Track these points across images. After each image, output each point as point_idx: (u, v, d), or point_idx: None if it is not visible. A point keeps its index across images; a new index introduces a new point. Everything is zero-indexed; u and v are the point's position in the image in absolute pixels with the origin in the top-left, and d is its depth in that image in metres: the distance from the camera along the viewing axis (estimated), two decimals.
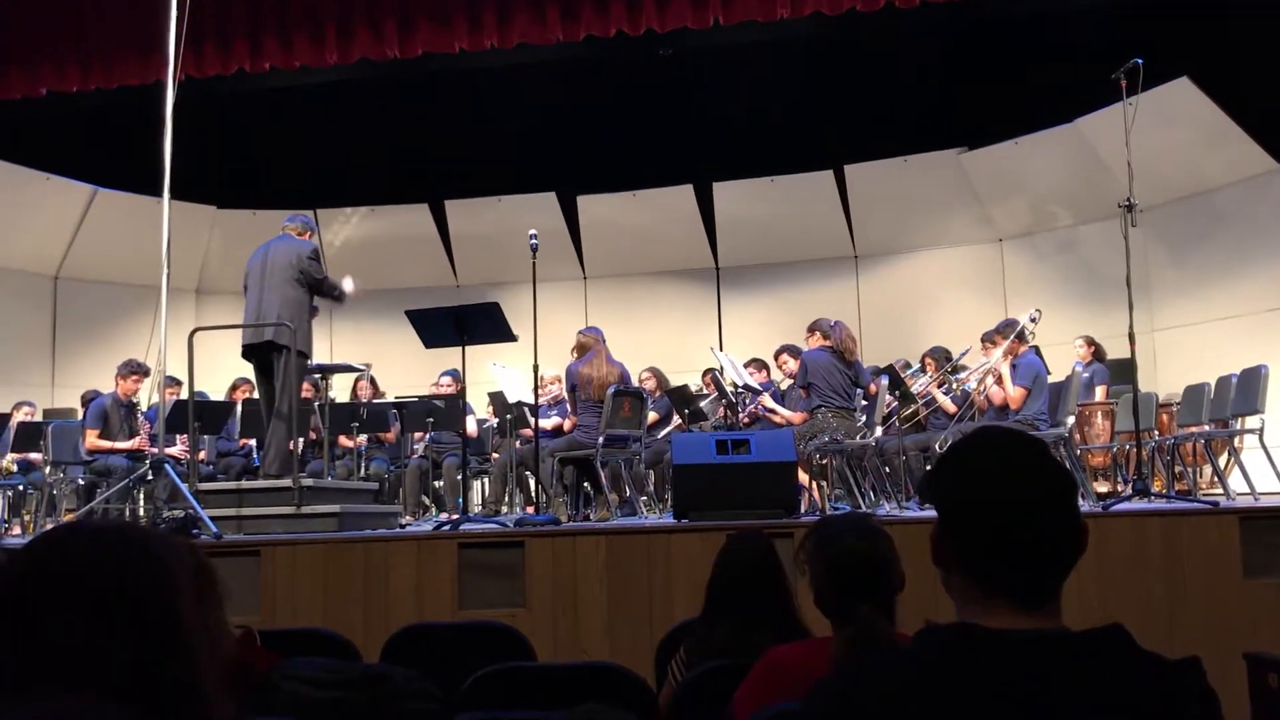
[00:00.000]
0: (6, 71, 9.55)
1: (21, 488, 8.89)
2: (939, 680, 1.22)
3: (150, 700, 1.16)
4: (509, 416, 8.78)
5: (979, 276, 11.52)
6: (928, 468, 7.51)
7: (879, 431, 7.56)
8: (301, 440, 7.16)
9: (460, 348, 6.60)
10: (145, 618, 1.20)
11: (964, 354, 8.30)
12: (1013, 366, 7.11)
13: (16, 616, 1.19)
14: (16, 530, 8.77)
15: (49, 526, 6.70)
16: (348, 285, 6.88)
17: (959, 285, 11.49)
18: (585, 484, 7.84)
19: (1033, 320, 7.38)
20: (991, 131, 10.85)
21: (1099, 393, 8.56)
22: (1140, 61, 5.98)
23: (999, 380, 7.19)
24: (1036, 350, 7.58)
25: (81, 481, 8.20)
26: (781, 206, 11.65)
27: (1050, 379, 7.28)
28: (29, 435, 8.50)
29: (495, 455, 9.11)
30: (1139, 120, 6.01)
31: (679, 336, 11.67)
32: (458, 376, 8.47)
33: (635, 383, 8.13)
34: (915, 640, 1.30)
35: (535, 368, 6.76)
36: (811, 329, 7.45)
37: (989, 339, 7.50)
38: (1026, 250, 11.38)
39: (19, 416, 9.09)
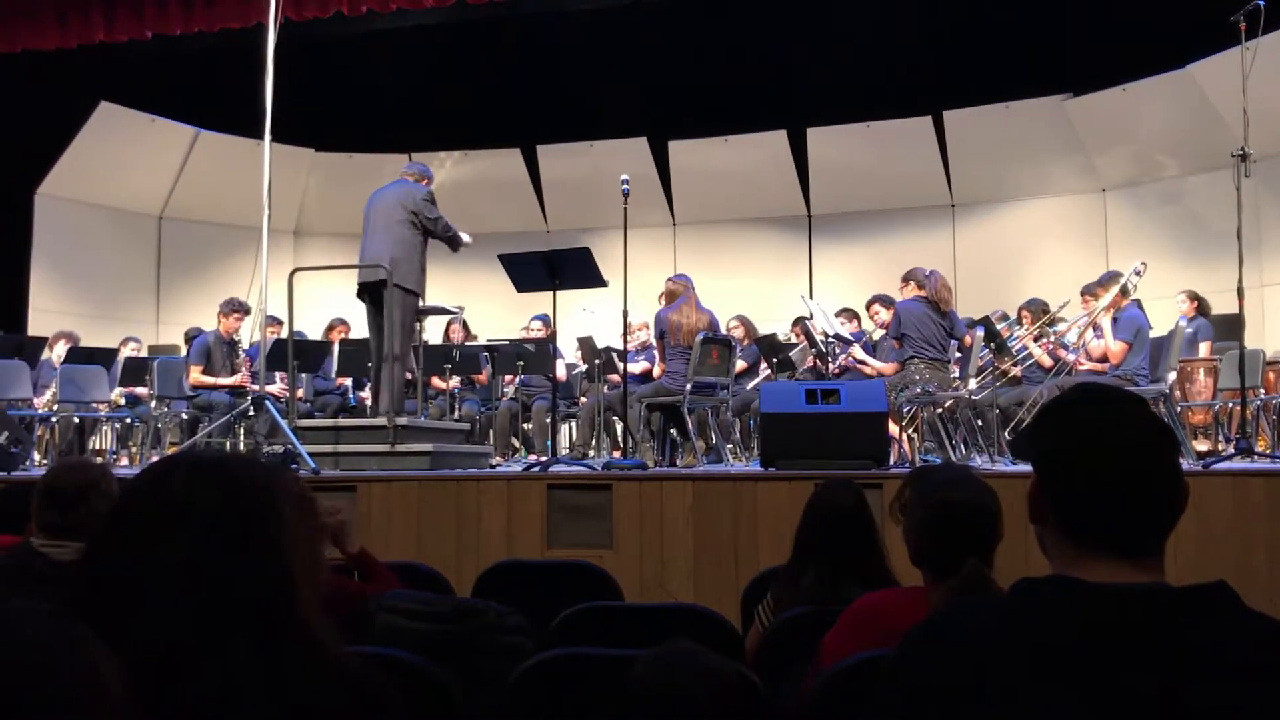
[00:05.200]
0: (114, 15, 9.78)
1: (129, 420, 9.21)
2: (1035, 631, 1.21)
3: (253, 626, 1.20)
4: (597, 361, 8.83)
5: (1080, 227, 11.22)
6: (1021, 422, 7.38)
7: (972, 384, 7.45)
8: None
9: (551, 292, 6.64)
10: (247, 546, 1.23)
11: (1063, 306, 8.11)
12: (1114, 320, 6.93)
13: (124, 546, 1.23)
14: (124, 461, 9.11)
15: (154, 458, 6.96)
16: (465, 238, 6.95)
17: (1059, 236, 11.21)
18: (672, 430, 7.87)
19: (1137, 273, 7.16)
20: (1099, 77, 10.50)
21: (1202, 349, 8.31)
22: (1262, 3, 5.72)
23: (1099, 333, 7.02)
24: (1138, 304, 7.38)
25: (185, 416, 8.47)
26: (877, 153, 11.45)
27: (1151, 334, 7.09)
28: (136, 370, 8.80)
29: (583, 399, 9.19)
30: (1257, 65, 5.77)
31: (769, 284, 11.60)
32: (548, 321, 8.53)
33: (724, 330, 8.10)
34: (1012, 591, 1.29)
35: (625, 313, 6.79)
36: (906, 278, 7.33)
37: (1090, 292, 7.32)
38: (1131, 201, 11.03)
39: (126, 352, 9.42)
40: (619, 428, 8.63)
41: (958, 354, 7.39)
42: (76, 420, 8.77)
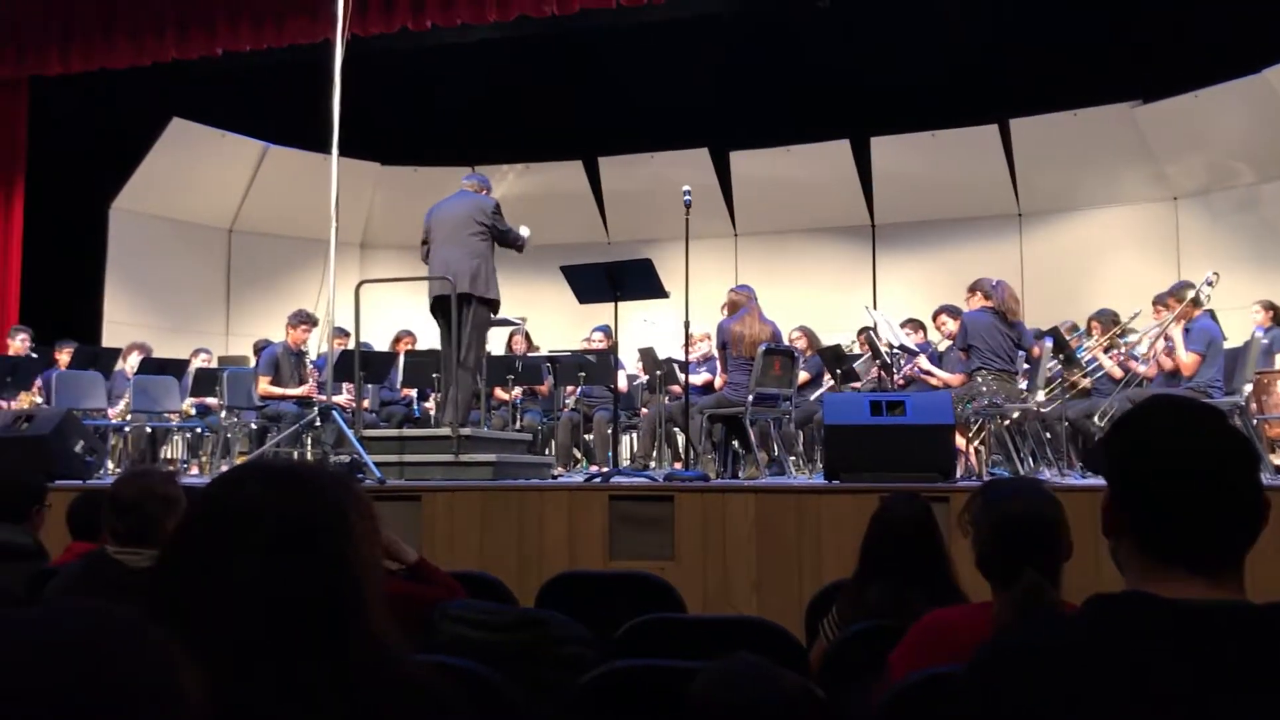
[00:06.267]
0: (186, 33, 9.99)
1: (199, 430, 9.38)
2: (1110, 648, 1.18)
3: (322, 633, 1.21)
4: (659, 372, 8.83)
5: (1151, 236, 11.00)
6: (1092, 435, 7.26)
7: (1041, 396, 7.33)
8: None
9: (612, 303, 6.65)
10: (318, 554, 1.24)
11: (1133, 317, 7.96)
12: (1185, 331, 6.79)
13: (196, 553, 1.25)
14: (195, 470, 9.27)
15: (224, 468, 7.07)
16: (524, 231, 6.93)
17: (1129, 245, 11.00)
18: (734, 442, 7.83)
19: (1209, 283, 7.01)
20: (1169, 83, 10.30)
21: (1278, 360, 8.10)
22: None
23: (1170, 345, 6.88)
24: (1212, 315, 7.22)
25: (254, 426, 8.60)
26: (942, 162, 11.33)
27: (1226, 345, 6.92)
28: (206, 381, 8.95)
29: (644, 410, 9.19)
30: None
31: (832, 295, 11.51)
32: (609, 332, 8.55)
33: (786, 341, 8.06)
34: (1085, 607, 1.26)
35: (686, 324, 6.78)
36: (973, 289, 7.24)
37: (1161, 302, 7.18)
38: (1203, 209, 10.80)
39: (197, 363, 9.59)
40: (680, 439, 8.61)
41: (1025, 365, 7.27)
42: (149, 430, 8.96)
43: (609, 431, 8.15)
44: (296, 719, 1.16)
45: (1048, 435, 7.43)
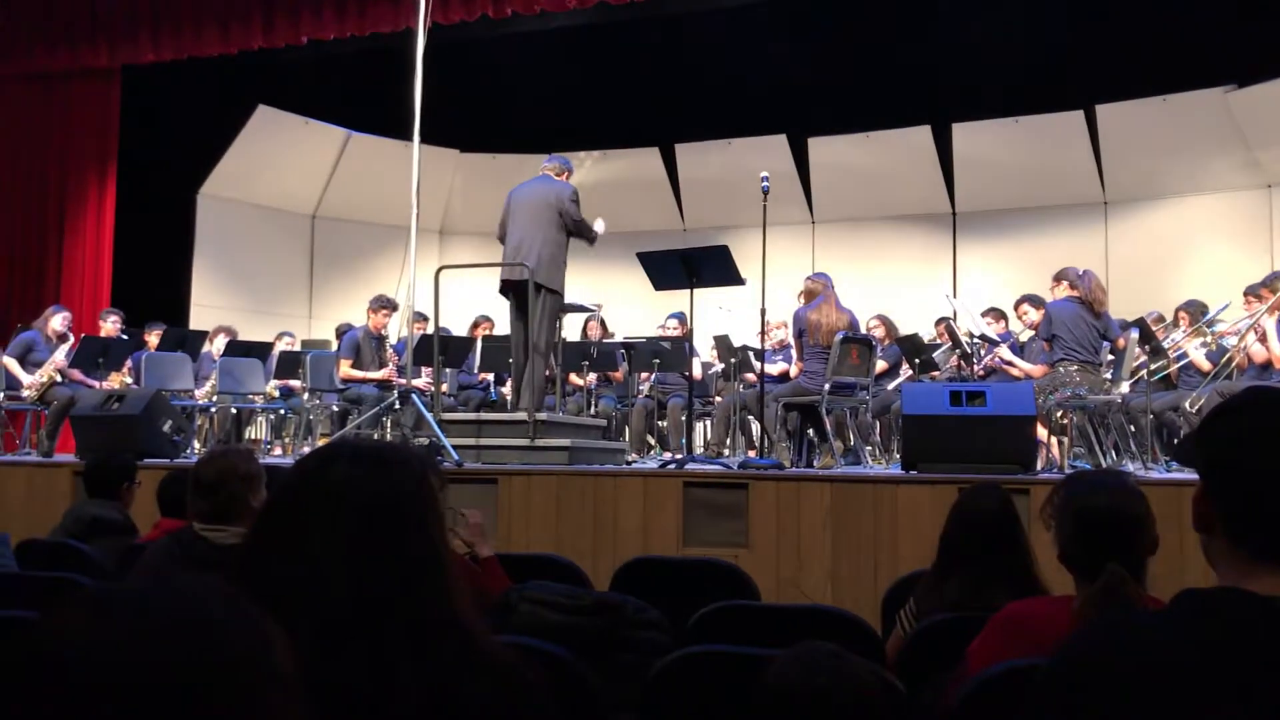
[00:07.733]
0: (272, 22, 10.17)
1: (282, 412, 9.57)
2: (1200, 645, 1.15)
3: (407, 610, 1.23)
4: (734, 360, 8.80)
5: (1243, 225, 10.67)
6: (1180, 428, 7.09)
7: (1125, 387, 7.16)
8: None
9: (688, 290, 6.63)
10: (404, 532, 1.26)
11: (1223, 308, 7.74)
12: (1278, 323, 6.59)
13: (286, 531, 1.27)
14: (278, 451, 9.47)
15: (305, 449, 7.21)
16: (599, 226, 6.88)
17: (1220, 234, 10.69)
18: (809, 431, 7.77)
19: None
20: (1265, 67, 9.97)
21: None
22: None
23: (1262, 337, 6.69)
24: None
25: (335, 408, 8.75)
26: (1026, 148, 11.11)
27: None
28: (289, 363, 9.13)
29: (719, 398, 9.17)
30: None
31: (911, 284, 11.36)
32: (684, 319, 8.54)
33: (864, 330, 7.98)
34: (1175, 602, 1.23)
35: (763, 312, 6.74)
36: (1058, 278, 7.09)
37: (1254, 293, 6.97)
38: None
39: (280, 346, 9.78)
40: (755, 427, 8.58)
41: (1110, 356, 7.12)
42: (234, 411, 9.16)
43: (683, 418, 8.15)
44: (383, 695, 1.18)
45: (1131, 428, 7.27)
